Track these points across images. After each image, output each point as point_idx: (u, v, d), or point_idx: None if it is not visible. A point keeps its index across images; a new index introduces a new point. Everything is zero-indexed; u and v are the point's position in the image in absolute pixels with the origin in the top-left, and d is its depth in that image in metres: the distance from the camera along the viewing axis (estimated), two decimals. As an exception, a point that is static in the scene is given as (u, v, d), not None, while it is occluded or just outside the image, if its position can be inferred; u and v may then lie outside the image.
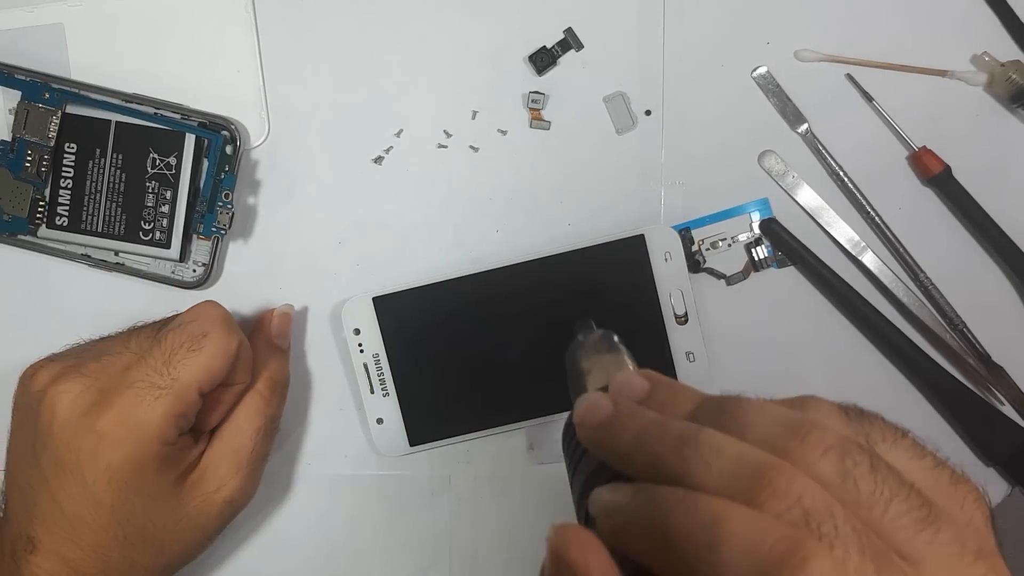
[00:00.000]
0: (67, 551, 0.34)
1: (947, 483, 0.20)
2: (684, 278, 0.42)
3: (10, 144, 0.41)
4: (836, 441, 0.19)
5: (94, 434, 0.34)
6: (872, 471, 0.18)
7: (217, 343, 0.36)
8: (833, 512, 0.17)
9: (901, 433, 0.21)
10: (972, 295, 0.43)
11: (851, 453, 0.19)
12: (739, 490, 0.18)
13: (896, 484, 0.18)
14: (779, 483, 0.18)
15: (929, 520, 0.18)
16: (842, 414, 0.21)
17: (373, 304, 0.42)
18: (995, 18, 0.43)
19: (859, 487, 0.18)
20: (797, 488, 0.18)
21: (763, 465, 0.18)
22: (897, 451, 0.20)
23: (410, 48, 0.43)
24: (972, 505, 0.20)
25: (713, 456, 0.19)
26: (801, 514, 0.17)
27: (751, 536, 0.17)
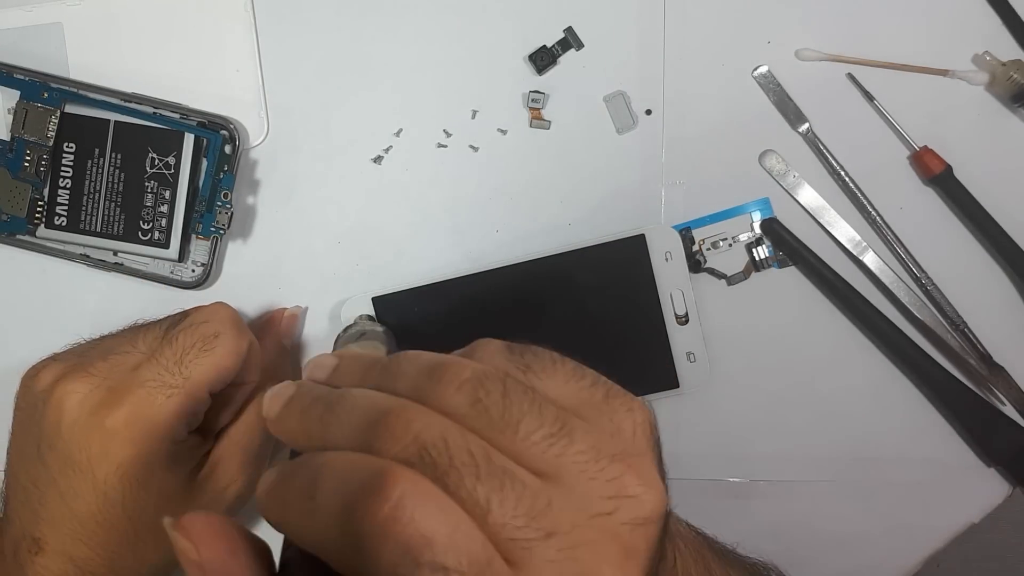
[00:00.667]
0: (75, 550, 0.34)
1: (600, 399, 0.21)
2: (685, 278, 0.42)
3: (9, 144, 0.41)
4: (472, 375, 0.20)
5: (105, 432, 0.34)
6: (504, 396, 0.19)
7: (228, 344, 0.36)
8: (449, 442, 0.18)
9: (560, 359, 0.22)
10: (973, 295, 0.43)
11: (484, 383, 0.20)
12: (362, 440, 0.19)
13: (528, 405, 0.19)
14: (396, 425, 0.19)
15: (562, 434, 0.19)
16: (504, 350, 0.22)
17: (373, 304, 0.42)
18: (996, 17, 0.43)
19: (490, 413, 0.19)
20: (416, 426, 0.18)
21: (384, 410, 0.19)
22: (554, 376, 0.21)
23: (410, 47, 0.43)
24: (622, 416, 0.21)
25: (345, 413, 0.20)
26: (416, 450, 0.18)
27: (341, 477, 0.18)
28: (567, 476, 0.19)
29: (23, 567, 0.34)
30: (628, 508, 0.19)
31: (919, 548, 0.44)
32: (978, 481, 0.43)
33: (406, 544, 0.17)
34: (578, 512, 0.18)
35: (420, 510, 0.17)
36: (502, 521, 0.18)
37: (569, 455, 0.19)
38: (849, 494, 0.44)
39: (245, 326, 0.38)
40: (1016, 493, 0.43)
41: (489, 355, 0.22)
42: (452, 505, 0.17)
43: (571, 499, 0.19)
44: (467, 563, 0.17)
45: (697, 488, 0.44)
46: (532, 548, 0.18)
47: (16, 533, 0.35)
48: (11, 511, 0.36)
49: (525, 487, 0.18)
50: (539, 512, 0.18)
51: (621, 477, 0.19)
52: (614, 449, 0.20)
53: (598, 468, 0.19)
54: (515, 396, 0.19)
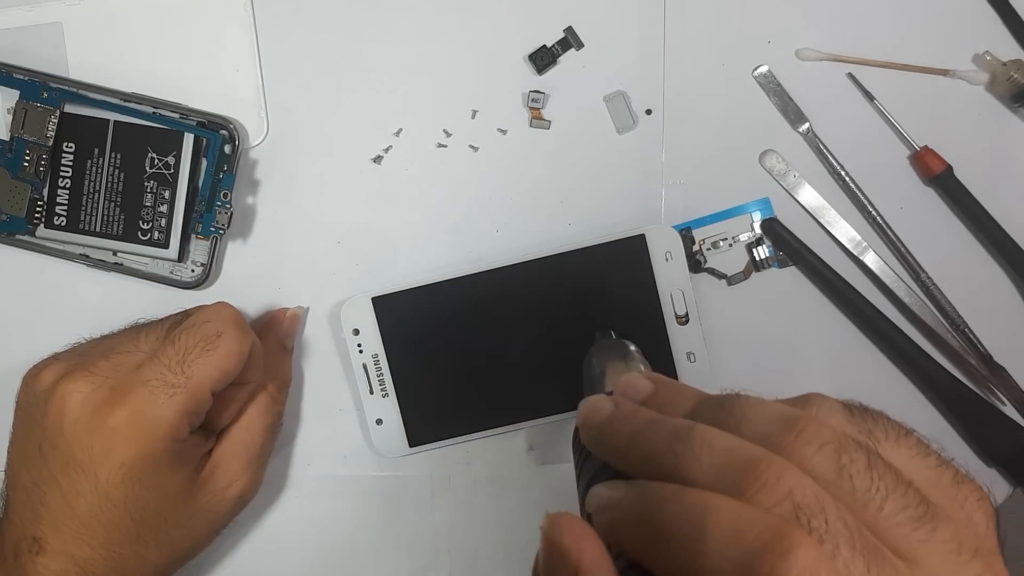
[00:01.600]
0: (77, 550, 0.34)
1: (949, 483, 0.20)
2: (685, 278, 0.42)
3: (8, 143, 0.41)
4: (833, 437, 0.19)
5: (107, 432, 0.34)
6: (869, 468, 0.18)
7: (231, 344, 0.36)
8: (824, 506, 0.17)
9: (905, 431, 0.21)
10: (974, 295, 0.43)
11: (848, 449, 0.19)
12: (729, 484, 0.18)
13: (893, 482, 0.18)
14: (769, 476, 0.18)
15: (926, 519, 0.18)
16: (845, 411, 0.21)
17: (372, 304, 0.42)
18: (997, 17, 0.43)
19: (855, 483, 0.18)
20: (788, 482, 0.18)
21: (754, 459, 0.18)
22: (900, 449, 0.20)
23: (410, 47, 0.43)
24: (974, 505, 0.20)
25: (704, 451, 0.19)
26: (791, 507, 0.17)
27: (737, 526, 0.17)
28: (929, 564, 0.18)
29: (24, 567, 0.34)
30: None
31: (919, 548, 0.44)
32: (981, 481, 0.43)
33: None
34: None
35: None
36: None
37: (934, 542, 0.18)
38: (849, 494, 0.44)
39: (247, 326, 0.38)
40: (1016, 493, 0.43)
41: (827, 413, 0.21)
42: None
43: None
44: None
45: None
46: None
47: (17, 533, 0.35)
48: (12, 511, 0.36)
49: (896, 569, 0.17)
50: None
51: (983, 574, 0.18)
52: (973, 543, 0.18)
53: (961, 561, 0.18)
54: (880, 469, 0.18)
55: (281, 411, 0.42)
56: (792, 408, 0.20)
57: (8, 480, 0.37)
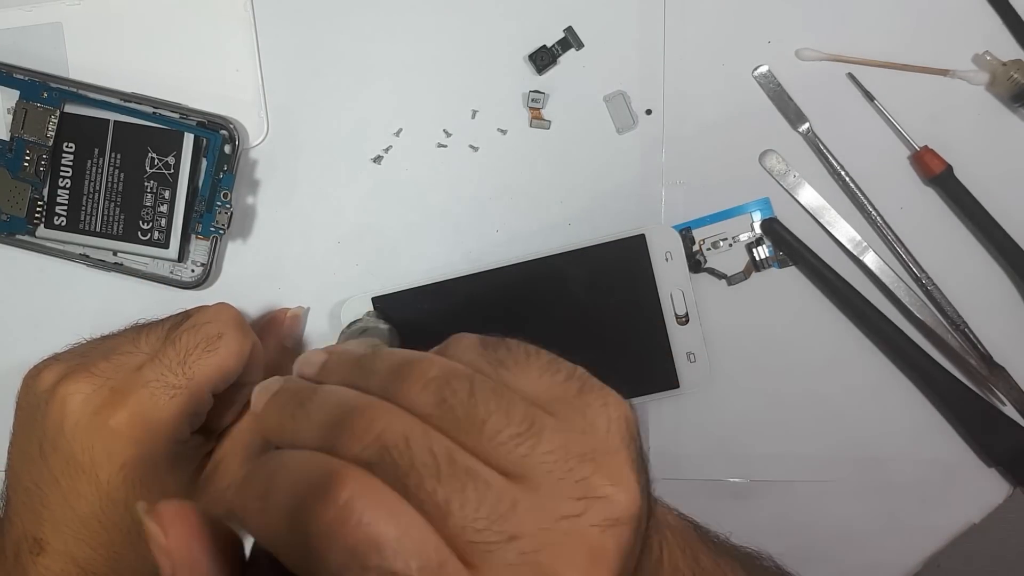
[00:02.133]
0: (77, 551, 0.34)
1: (574, 394, 0.20)
2: (685, 278, 0.42)
3: (8, 143, 0.41)
4: (439, 373, 0.20)
5: (108, 432, 0.34)
6: (471, 395, 0.19)
7: (232, 345, 0.36)
8: (411, 442, 0.18)
9: (535, 351, 0.22)
10: (974, 295, 0.43)
11: (450, 382, 0.19)
12: (325, 439, 0.19)
13: (496, 404, 0.19)
14: (359, 424, 0.18)
15: (529, 434, 0.19)
16: (478, 345, 0.22)
17: (372, 304, 0.42)
18: (997, 17, 0.43)
19: (456, 412, 0.19)
20: (379, 425, 0.18)
21: (350, 409, 0.19)
22: (528, 370, 0.21)
23: (410, 47, 0.43)
24: (596, 412, 0.20)
25: (315, 411, 0.20)
26: (377, 450, 0.18)
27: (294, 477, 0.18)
28: (535, 477, 0.18)
29: (25, 568, 0.34)
30: (597, 509, 0.18)
31: (919, 548, 0.44)
32: (978, 481, 0.43)
33: (353, 547, 0.16)
34: (544, 514, 0.18)
35: (369, 513, 0.17)
36: (462, 524, 0.17)
37: (536, 455, 0.18)
38: (849, 494, 0.44)
39: (248, 327, 0.38)
40: (1016, 493, 0.43)
41: (462, 350, 0.22)
42: (404, 507, 0.17)
43: (538, 500, 0.18)
44: (417, 567, 0.16)
45: (697, 488, 0.44)
46: (493, 551, 0.17)
47: (17, 534, 0.35)
48: (12, 512, 0.36)
49: (489, 488, 0.18)
50: (502, 514, 0.17)
51: (590, 477, 0.19)
52: (584, 448, 0.19)
53: (567, 468, 0.19)
54: (482, 394, 0.19)
55: None
56: (415, 353, 0.21)
57: (8, 481, 0.37)
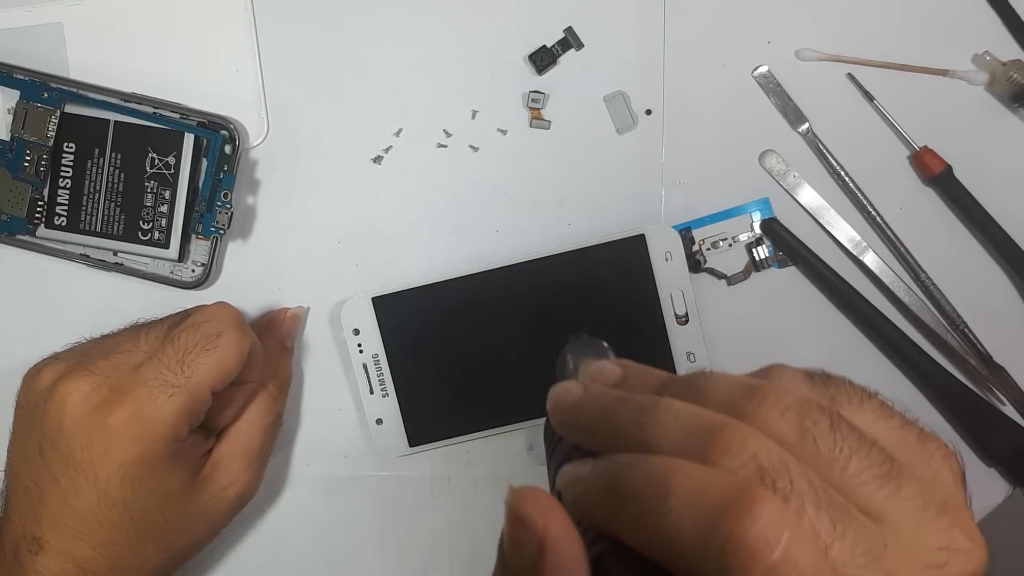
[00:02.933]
0: (76, 550, 0.34)
1: (914, 441, 0.20)
2: (685, 278, 0.42)
3: (9, 144, 0.41)
4: (795, 401, 0.19)
5: (107, 431, 0.34)
6: (832, 430, 0.19)
7: (231, 344, 0.36)
8: (789, 467, 0.18)
9: (868, 395, 0.21)
10: (973, 295, 0.43)
11: (810, 413, 0.19)
12: (693, 449, 0.19)
13: (857, 442, 0.19)
14: (733, 440, 0.18)
15: (891, 476, 0.18)
16: (806, 378, 0.21)
17: (372, 304, 0.42)
18: (996, 17, 0.43)
19: (818, 445, 0.18)
20: (752, 445, 0.18)
21: (718, 424, 0.19)
22: (863, 412, 0.21)
23: (410, 47, 0.43)
24: (939, 462, 0.20)
25: (670, 420, 0.20)
26: (755, 469, 0.18)
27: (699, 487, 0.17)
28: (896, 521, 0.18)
29: (24, 566, 0.34)
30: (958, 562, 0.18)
31: (919, 548, 0.44)
32: (978, 481, 0.43)
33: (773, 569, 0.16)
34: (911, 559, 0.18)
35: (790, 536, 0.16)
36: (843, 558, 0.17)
37: (899, 499, 0.18)
38: (849, 494, 0.44)
39: (247, 326, 0.38)
40: (1016, 493, 0.43)
41: (789, 381, 0.21)
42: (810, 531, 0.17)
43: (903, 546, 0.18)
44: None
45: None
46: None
47: (16, 532, 0.35)
48: (11, 510, 0.36)
49: (863, 526, 0.17)
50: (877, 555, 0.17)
51: (950, 529, 0.18)
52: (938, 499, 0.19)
53: (927, 517, 0.18)
54: (843, 431, 0.19)
55: (281, 411, 0.42)
56: (750, 378, 0.21)
57: (8, 479, 0.37)
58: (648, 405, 0.20)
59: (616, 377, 0.24)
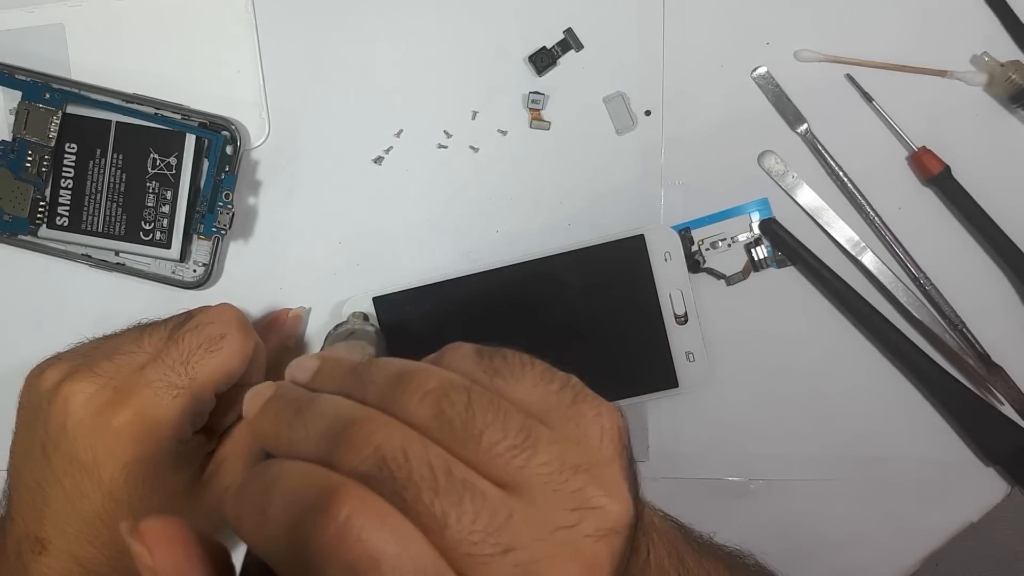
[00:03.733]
0: (80, 550, 0.34)
1: (567, 404, 0.20)
2: (684, 278, 0.42)
3: (11, 144, 0.41)
4: (437, 384, 0.20)
5: (111, 432, 0.34)
6: (468, 407, 0.19)
7: (234, 345, 0.36)
8: (409, 455, 0.18)
9: (529, 361, 0.22)
10: (972, 295, 0.43)
11: (448, 393, 0.19)
12: (323, 450, 0.19)
13: (493, 416, 0.19)
14: (358, 436, 0.18)
15: (525, 445, 0.19)
16: (474, 354, 0.22)
17: (373, 304, 0.42)
18: (995, 18, 0.43)
19: (453, 424, 0.19)
20: (377, 438, 0.18)
21: (349, 420, 0.19)
22: (523, 380, 0.21)
23: (410, 48, 0.43)
24: (590, 422, 0.20)
25: (312, 421, 0.20)
26: (375, 463, 0.18)
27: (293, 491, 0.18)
28: (531, 488, 0.18)
29: (27, 567, 0.34)
30: (591, 520, 0.19)
31: (918, 548, 0.44)
32: (977, 481, 0.44)
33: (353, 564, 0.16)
34: (540, 525, 0.18)
35: (367, 529, 0.17)
36: (459, 536, 0.17)
37: (532, 466, 0.19)
38: (849, 494, 0.44)
39: (251, 327, 0.38)
40: (1015, 493, 0.43)
41: (458, 359, 0.22)
42: (403, 522, 0.17)
43: (534, 512, 0.18)
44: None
45: (697, 488, 0.44)
46: (489, 563, 0.17)
47: (19, 532, 0.35)
48: (14, 510, 0.36)
49: (485, 500, 0.18)
50: (498, 526, 0.18)
51: (584, 488, 0.19)
52: (579, 458, 0.19)
53: (562, 479, 0.19)
54: (479, 406, 0.19)
55: None
56: (412, 363, 0.21)
57: (11, 479, 0.37)
58: (303, 405, 0.20)
59: (312, 371, 0.23)
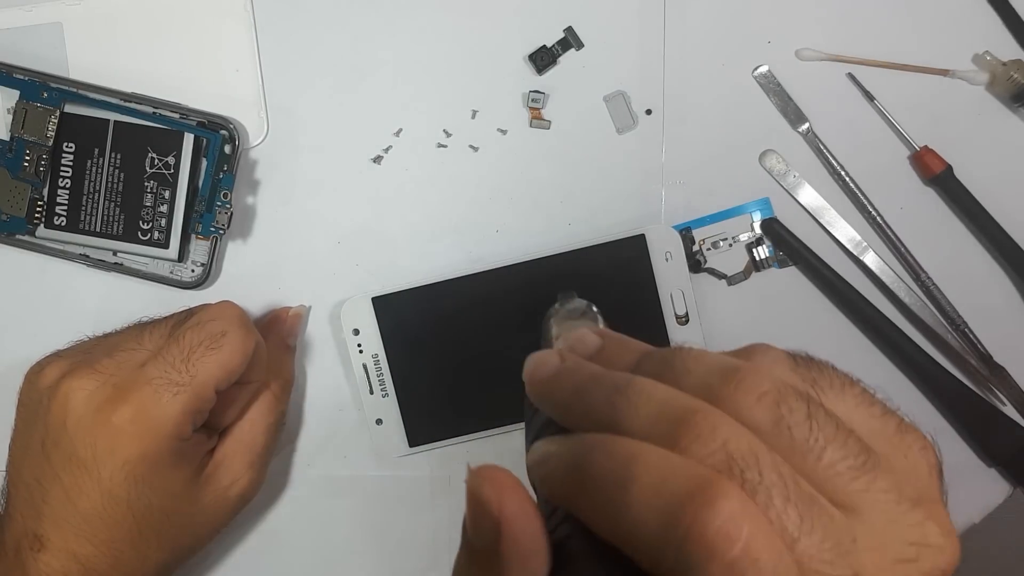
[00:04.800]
0: (78, 548, 0.34)
1: (892, 432, 0.20)
2: (685, 278, 0.42)
3: (8, 144, 0.41)
4: (772, 387, 0.19)
5: (111, 429, 0.34)
6: (808, 418, 0.18)
7: (235, 343, 0.36)
8: (759, 457, 0.17)
9: (849, 381, 0.21)
10: (974, 295, 0.43)
11: (787, 399, 0.18)
12: (663, 434, 0.18)
13: (833, 432, 0.18)
14: (704, 427, 0.18)
15: (865, 468, 0.18)
16: (789, 360, 0.21)
17: (372, 304, 0.42)
18: (997, 17, 0.43)
19: (793, 434, 0.18)
20: (723, 433, 0.18)
21: (690, 409, 0.18)
22: (844, 398, 0.20)
23: (410, 47, 0.43)
24: (917, 455, 0.20)
25: (641, 402, 0.19)
26: (724, 458, 0.17)
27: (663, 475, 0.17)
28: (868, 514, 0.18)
29: (25, 564, 0.34)
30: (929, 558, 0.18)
31: (919, 548, 0.44)
32: (978, 481, 0.43)
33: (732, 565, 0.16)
34: (881, 554, 0.17)
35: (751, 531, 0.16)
36: (810, 552, 0.16)
37: (873, 491, 0.18)
38: (849, 494, 0.44)
39: (252, 325, 0.38)
40: (1016, 493, 0.43)
41: (771, 363, 0.21)
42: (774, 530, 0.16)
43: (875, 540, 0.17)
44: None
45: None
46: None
47: (18, 530, 0.35)
48: (13, 508, 0.36)
49: (832, 520, 0.17)
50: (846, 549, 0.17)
51: (923, 523, 0.18)
52: (913, 492, 0.18)
53: (900, 510, 0.18)
54: (820, 419, 0.18)
55: (284, 410, 0.42)
56: (733, 359, 0.20)
57: (9, 477, 0.37)
58: (621, 384, 0.20)
59: (594, 347, 0.23)
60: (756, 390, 0.19)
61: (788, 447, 0.18)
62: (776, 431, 0.18)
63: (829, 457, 0.18)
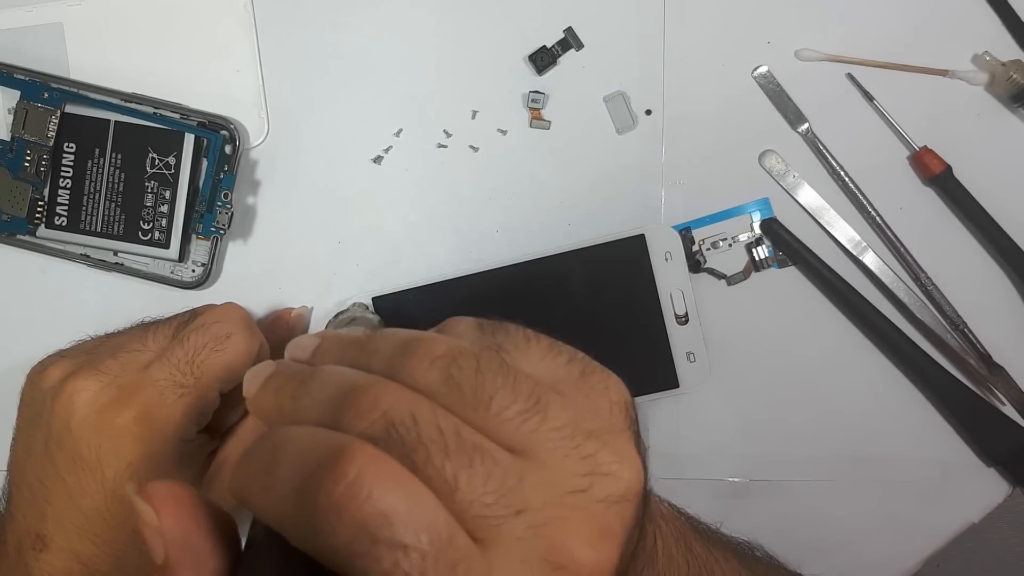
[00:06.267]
0: (81, 548, 0.34)
1: (577, 376, 0.21)
2: (684, 278, 0.42)
3: (9, 144, 0.41)
4: (446, 351, 0.20)
5: (115, 431, 0.34)
6: (477, 372, 0.19)
7: (240, 345, 0.36)
8: (417, 418, 0.18)
9: (534, 335, 0.22)
10: (973, 295, 0.43)
11: (457, 359, 0.19)
12: (330, 416, 0.19)
13: (502, 381, 0.19)
14: (364, 401, 0.18)
15: (536, 410, 0.19)
16: (476, 327, 0.22)
17: (373, 304, 0.42)
18: (996, 18, 0.43)
19: (462, 389, 0.19)
20: (384, 402, 0.18)
21: (355, 387, 0.19)
22: (529, 353, 0.21)
23: (410, 47, 0.43)
24: (598, 393, 0.21)
25: (317, 389, 0.20)
26: (384, 426, 0.18)
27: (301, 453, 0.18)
28: (541, 453, 0.19)
29: (28, 564, 0.34)
30: (603, 485, 0.19)
31: (919, 548, 0.44)
32: (978, 481, 0.43)
33: (363, 522, 0.16)
34: (551, 489, 0.18)
35: (379, 487, 0.17)
36: (470, 498, 0.17)
37: (543, 431, 0.19)
38: (849, 494, 0.44)
39: (256, 327, 0.38)
40: (1016, 493, 0.43)
41: (461, 332, 0.22)
42: (413, 482, 0.17)
43: (544, 476, 0.18)
44: (427, 540, 0.16)
45: (697, 488, 0.44)
46: (501, 525, 0.17)
47: (20, 530, 0.35)
48: (15, 507, 0.36)
49: (496, 463, 0.18)
50: (509, 489, 0.18)
51: (596, 454, 0.19)
52: (590, 426, 0.19)
53: (573, 445, 0.19)
54: (488, 372, 0.19)
55: None
56: (418, 332, 0.21)
57: (11, 477, 0.37)
58: (305, 376, 0.20)
59: (310, 349, 0.23)
60: (429, 355, 0.20)
61: (458, 402, 0.19)
62: (447, 389, 0.19)
63: (497, 404, 0.19)
